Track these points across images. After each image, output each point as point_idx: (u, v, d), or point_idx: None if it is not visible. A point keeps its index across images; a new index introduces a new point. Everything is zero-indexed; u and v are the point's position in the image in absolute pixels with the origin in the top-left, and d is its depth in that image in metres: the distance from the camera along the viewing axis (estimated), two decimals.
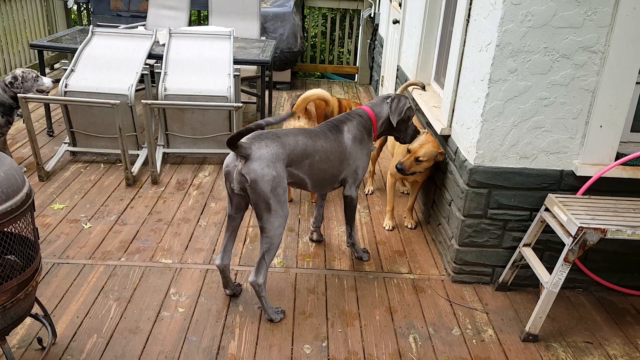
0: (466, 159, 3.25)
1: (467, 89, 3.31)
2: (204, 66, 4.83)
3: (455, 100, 3.55)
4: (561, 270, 2.82)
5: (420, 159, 3.61)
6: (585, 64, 2.89)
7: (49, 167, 4.52)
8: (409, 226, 4.03)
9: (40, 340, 2.68)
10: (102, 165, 4.76)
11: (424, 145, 3.62)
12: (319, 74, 8.79)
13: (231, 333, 2.87)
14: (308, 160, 3.02)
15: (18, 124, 5.41)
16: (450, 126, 3.61)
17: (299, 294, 3.21)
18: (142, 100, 4.24)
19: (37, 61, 5.29)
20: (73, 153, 4.84)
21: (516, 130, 3.07)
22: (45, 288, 3.11)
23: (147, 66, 4.76)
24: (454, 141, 3.52)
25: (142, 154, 4.76)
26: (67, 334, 2.78)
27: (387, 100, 3.41)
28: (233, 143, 2.67)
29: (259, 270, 2.89)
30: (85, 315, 2.92)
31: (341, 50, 9.13)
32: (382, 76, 6.92)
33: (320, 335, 2.90)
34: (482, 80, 3.05)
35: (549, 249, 3.31)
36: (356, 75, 8.41)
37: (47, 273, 3.24)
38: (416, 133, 3.51)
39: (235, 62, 4.94)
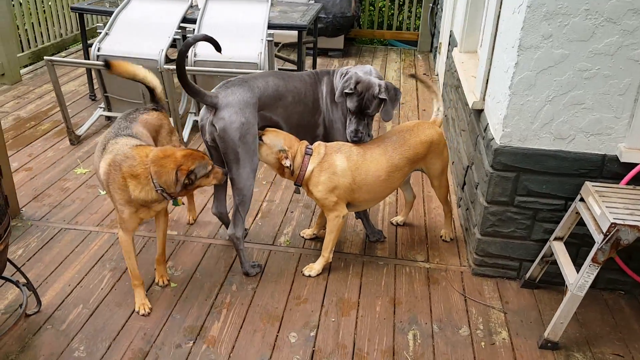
0: (493, 138, 2.86)
1: (500, 58, 2.90)
2: (237, 31, 4.63)
3: (489, 70, 3.14)
4: (588, 272, 2.42)
5: (264, 140, 2.82)
6: (636, 29, 2.41)
7: (81, 131, 4.55)
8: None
9: (21, 306, 2.65)
10: None
11: (277, 134, 2.84)
12: (376, 40, 8.33)
13: (217, 313, 2.72)
14: (281, 102, 2.89)
15: (64, 88, 5.51)
16: (484, 99, 3.21)
17: (297, 277, 3.00)
18: (165, 66, 4.13)
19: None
20: (108, 118, 4.85)
21: (550, 107, 2.64)
22: (46, 253, 3.10)
23: (180, 30, 4.64)
24: (486, 117, 3.12)
25: (172, 121, 4.68)
26: (54, 302, 2.75)
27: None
28: (184, 82, 2.61)
29: (236, 223, 2.89)
30: (77, 284, 2.88)
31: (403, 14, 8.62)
32: (440, 43, 6.43)
33: (311, 323, 2.68)
34: (512, 47, 2.64)
35: (586, 244, 2.87)
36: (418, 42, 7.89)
37: (51, 239, 3.23)
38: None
39: (270, 26, 4.70)
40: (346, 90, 2.82)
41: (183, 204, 3.14)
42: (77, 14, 5.20)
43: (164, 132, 2.90)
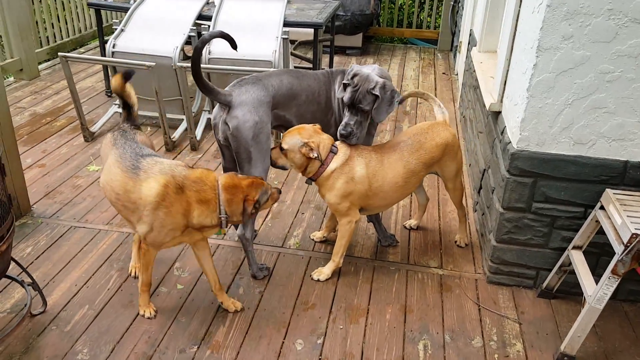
0: (510, 142, 2.76)
1: (519, 58, 2.79)
2: (252, 28, 4.57)
3: (508, 71, 3.03)
4: (607, 284, 2.31)
5: (284, 146, 2.73)
6: None
7: (95, 128, 4.54)
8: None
9: (25, 306, 2.63)
10: (149, 128, 4.72)
11: (292, 132, 2.75)
12: (396, 38, 8.20)
13: (223, 318, 2.67)
14: (295, 101, 2.84)
15: (80, 84, 5.52)
16: (502, 101, 3.10)
17: (306, 281, 2.94)
18: (177, 63, 4.09)
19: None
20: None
21: (570, 110, 2.53)
22: (55, 252, 3.09)
23: (195, 27, 4.60)
24: (503, 119, 3.01)
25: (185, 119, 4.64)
26: (60, 302, 2.72)
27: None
28: (198, 80, 2.60)
29: (246, 224, 2.84)
30: (84, 284, 2.85)
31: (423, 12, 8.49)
32: (460, 42, 6.30)
33: (318, 330, 2.62)
34: (531, 47, 2.53)
35: (606, 253, 2.76)
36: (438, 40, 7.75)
37: (60, 237, 3.22)
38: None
39: (287, 24, 4.64)
40: (344, 81, 2.77)
41: (225, 234, 3.14)
42: (94, 9, 5.19)
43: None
